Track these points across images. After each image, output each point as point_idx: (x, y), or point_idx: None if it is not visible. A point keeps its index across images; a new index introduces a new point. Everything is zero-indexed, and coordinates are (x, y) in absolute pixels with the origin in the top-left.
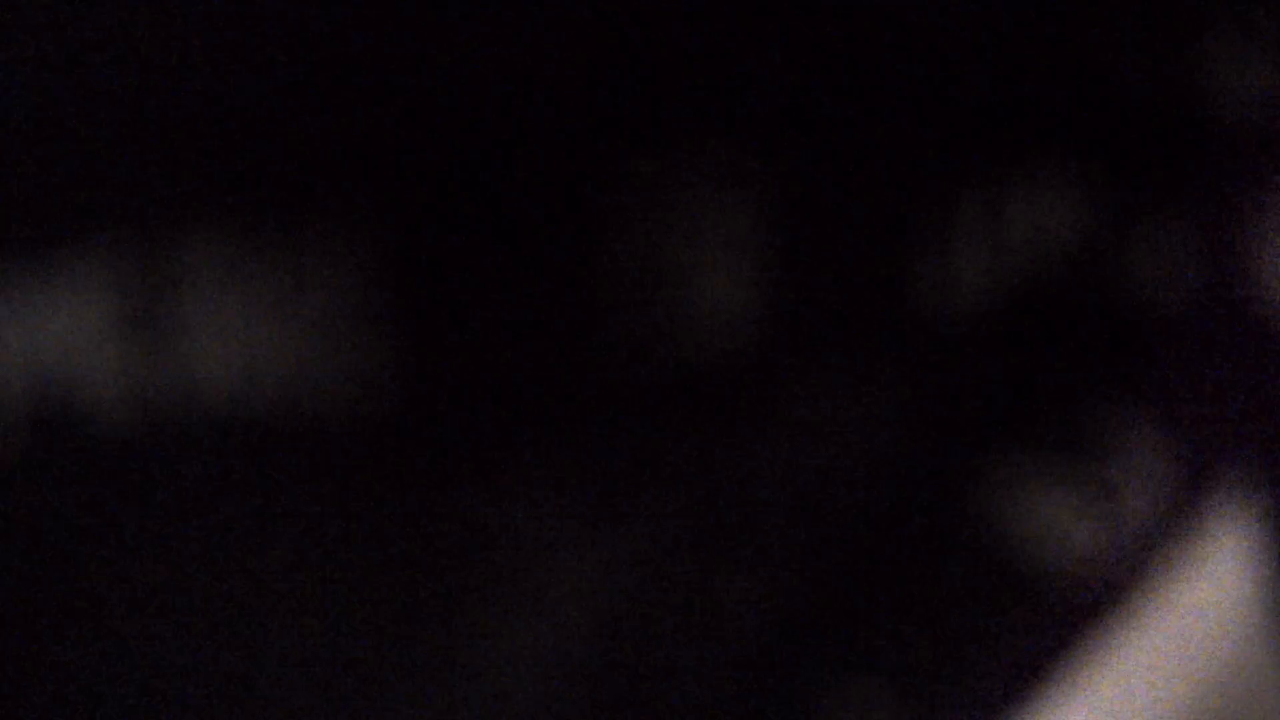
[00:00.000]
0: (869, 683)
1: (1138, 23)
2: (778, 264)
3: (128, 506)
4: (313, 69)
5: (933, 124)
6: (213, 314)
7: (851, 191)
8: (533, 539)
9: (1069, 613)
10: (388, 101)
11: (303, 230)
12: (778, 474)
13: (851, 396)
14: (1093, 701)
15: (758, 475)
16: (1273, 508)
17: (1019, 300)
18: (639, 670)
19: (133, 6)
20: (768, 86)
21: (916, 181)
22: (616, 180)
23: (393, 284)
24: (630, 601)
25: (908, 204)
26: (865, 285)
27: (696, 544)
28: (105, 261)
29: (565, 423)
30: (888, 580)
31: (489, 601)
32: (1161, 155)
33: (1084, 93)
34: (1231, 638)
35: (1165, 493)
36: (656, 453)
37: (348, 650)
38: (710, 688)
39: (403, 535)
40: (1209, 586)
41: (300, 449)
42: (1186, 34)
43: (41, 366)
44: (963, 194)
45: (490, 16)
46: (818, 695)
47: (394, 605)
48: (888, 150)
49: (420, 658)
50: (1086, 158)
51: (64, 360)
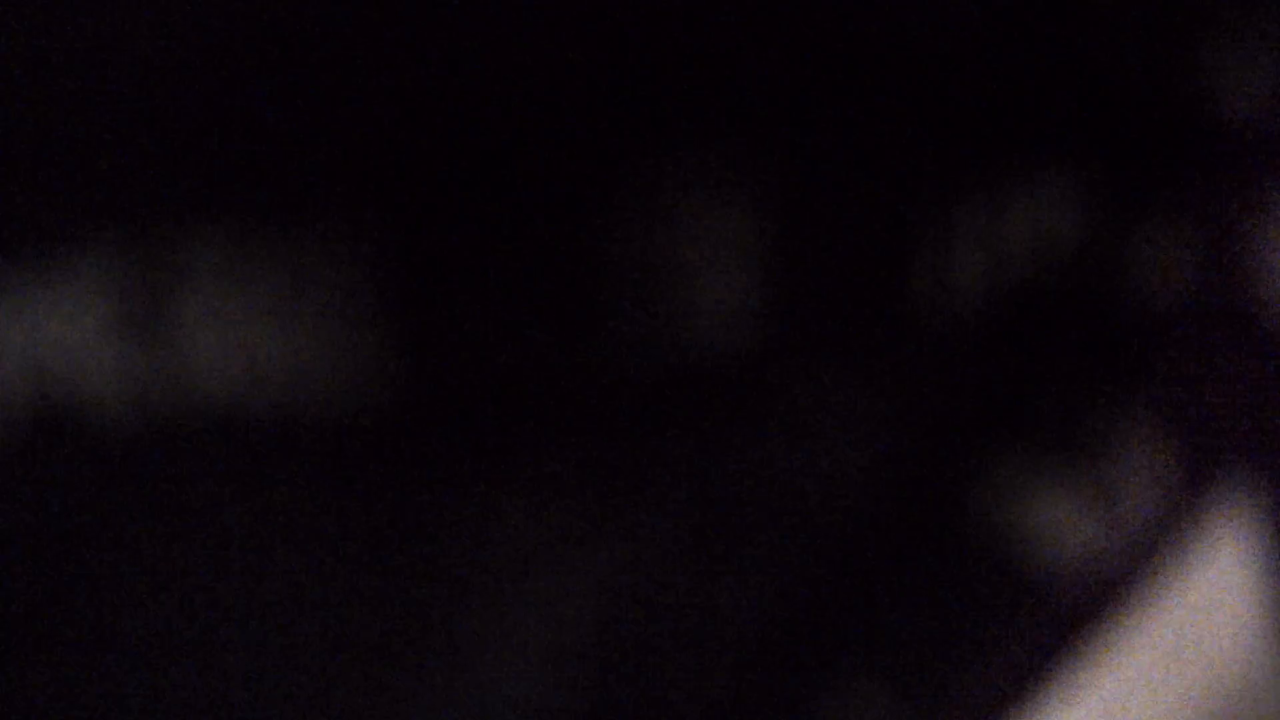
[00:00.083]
0: (869, 683)
1: (1138, 23)
2: (778, 264)
3: (128, 506)
4: (313, 69)
5: (932, 124)
6: (213, 314)
7: (851, 192)
8: (533, 539)
9: (1069, 613)
10: (388, 101)
11: (303, 230)
12: (777, 473)
13: (851, 396)
14: (1093, 701)
15: (757, 475)
16: (1273, 508)
17: (1019, 300)
18: (639, 670)
19: (133, 6)
20: (768, 87)
21: (916, 182)
22: (616, 180)
23: (393, 284)
24: (630, 601)
25: (907, 204)
26: (865, 285)
27: (696, 543)
28: (105, 261)
29: (565, 422)
30: (888, 580)
31: (489, 601)
32: (1161, 155)
33: (1084, 93)
34: (1231, 638)
35: (1165, 493)
36: (656, 452)
37: (347, 650)
38: (710, 687)
39: (402, 535)
40: (1209, 586)
41: (300, 449)
42: (1186, 34)
43: (41, 366)
44: (962, 194)
45: (490, 16)
46: (818, 695)
47: (393, 604)
48: (887, 150)
49: (420, 657)
50: (1086, 158)
51: (64, 360)
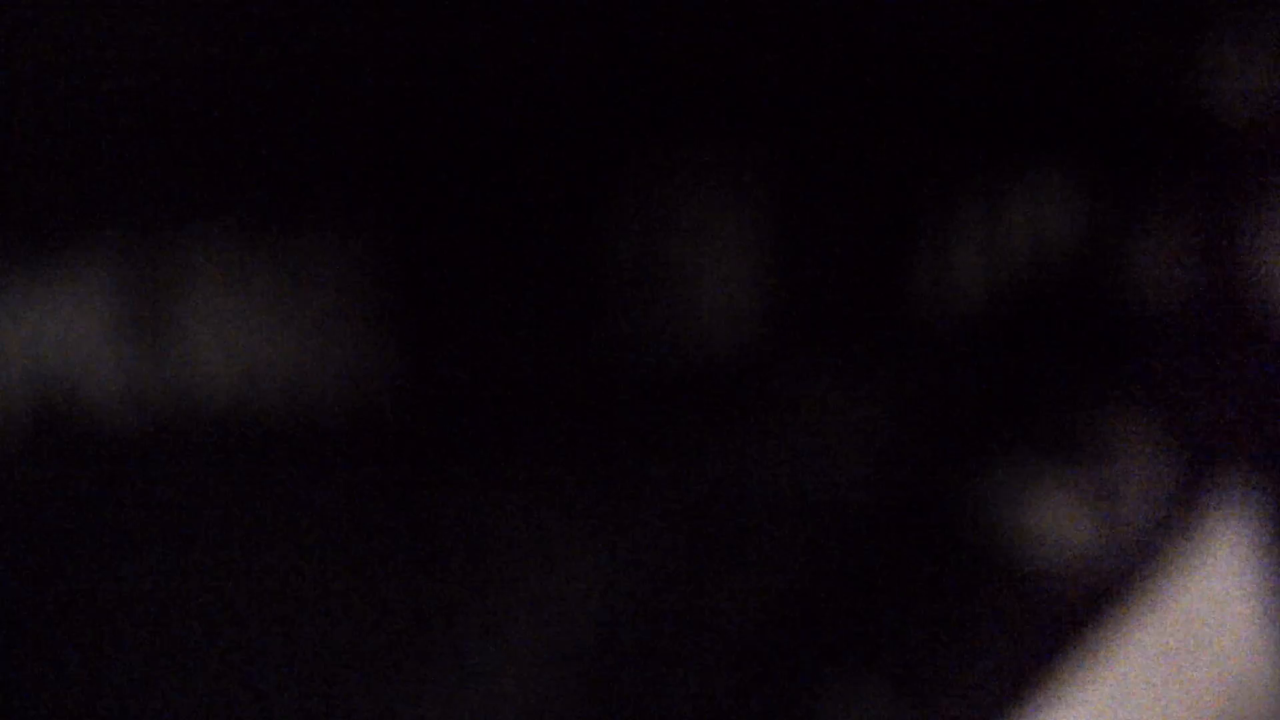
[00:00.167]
0: (869, 683)
1: (1138, 23)
2: (778, 264)
3: (128, 506)
4: (313, 69)
5: (932, 124)
6: (213, 314)
7: (851, 192)
8: (533, 539)
9: (1069, 613)
10: (388, 101)
11: (303, 230)
12: (777, 473)
13: (851, 396)
14: (1092, 701)
15: (757, 474)
16: (1273, 508)
17: (1018, 300)
18: (639, 670)
19: (132, 6)
20: (767, 86)
21: (916, 182)
22: (616, 180)
23: (393, 284)
24: (630, 601)
25: (907, 204)
26: (865, 285)
27: (696, 543)
28: (105, 261)
29: (565, 422)
30: (887, 580)
31: (489, 601)
32: (1161, 155)
33: (1084, 93)
34: (1231, 637)
35: (1165, 493)
36: (656, 452)
37: (347, 650)
38: (710, 688)
39: (402, 535)
40: (1209, 586)
41: (300, 449)
42: (1186, 34)
43: (41, 366)
44: (962, 194)
45: (490, 16)
46: (818, 695)
47: (393, 605)
48: (887, 150)
49: (420, 657)
50: (1086, 158)
51: (64, 360)
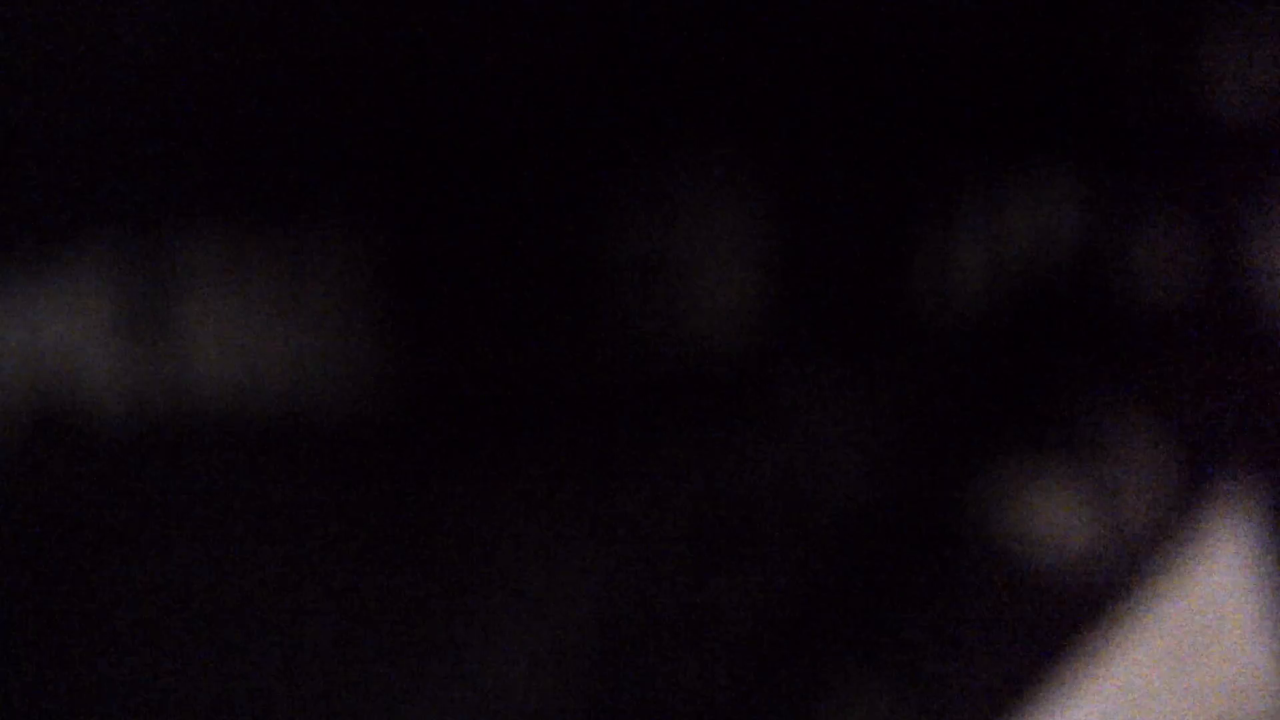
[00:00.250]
0: (869, 683)
1: (1138, 23)
2: (778, 264)
3: (128, 506)
4: (312, 68)
5: (933, 124)
6: (213, 314)
7: (851, 191)
8: (532, 539)
9: (1069, 613)
10: (388, 101)
11: (303, 230)
12: (777, 473)
13: (851, 396)
14: (1093, 701)
15: (757, 475)
16: (1273, 508)
17: (1019, 300)
18: (639, 670)
19: (132, 6)
20: (768, 87)
21: (916, 181)
22: (616, 180)
23: (393, 284)
24: (630, 601)
25: (908, 204)
26: (865, 285)
27: (696, 543)
28: (105, 261)
29: (565, 422)
30: (888, 580)
31: (489, 601)
32: (1161, 155)
33: (1084, 93)
34: (1231, 637)
35: (1165, 493)
36: (656, 453)
37: (347, 650)
38: (710, 688)
39: (402, 535)
40: (1209, 586)
41: (300, 449)
42: (1186, 34)
43: (41, 366)
44: (963, 194)
45: (490, 16)
46: (818, 695)
47: (393, 605)
48: (888, 150)
49: (420, 657)
50: (1086, 158)
51: (64, 360)
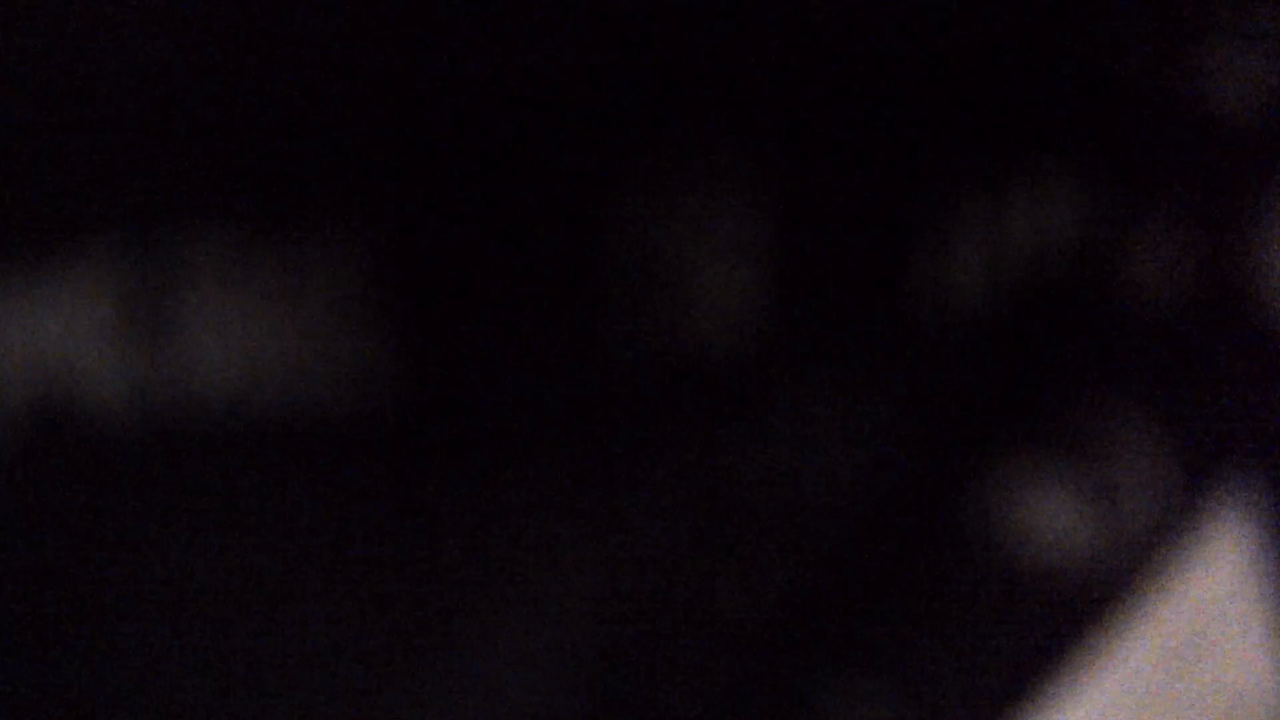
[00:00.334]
0: (869, 682)
1: (1138, 23)
2: (777, 264)
3: (128, 506)
4: (313, 68)
5: (933, 124)
6: (213, 314)
7: (851, 192)
8: (533, 539)
9: (1069, 612)
10: (388, 101)
11: (303, 230)
12: (777, 473)
13: (851, 396)
14: (1093, 701)
15: (757, 475)
16: (1273, 508)
17: (1019, 300)
18: (639, 670)
19: (132, 6)
20: (768, 86)
21: (916, 182)
22: (616, 180)
23: (393, 284)
24: (630, 601)
25: (907, 205)
26: (865, 286)
27: (696, 543)
28: (105, 261)
29: (565, 423)
30: (887, 580)
31: (489, 601)
32: (1162, 155)
33: (1084, 93)
34: (1231, 637)
35: (1165, 493)
36: (656, 453)
37: (347, 650)
38: (710, 687)
39: (402, 534)
40: (1209, 587)
41: (300, 449)
42: (1186, 34)
43: (41, 366)
44: (962, 194)
45: (490, 16)
46: (818, 695)
47: (394, 604)
48: (887, 151)
49: (420, 657)
50: (1086, 158)
51: (64, 360)
